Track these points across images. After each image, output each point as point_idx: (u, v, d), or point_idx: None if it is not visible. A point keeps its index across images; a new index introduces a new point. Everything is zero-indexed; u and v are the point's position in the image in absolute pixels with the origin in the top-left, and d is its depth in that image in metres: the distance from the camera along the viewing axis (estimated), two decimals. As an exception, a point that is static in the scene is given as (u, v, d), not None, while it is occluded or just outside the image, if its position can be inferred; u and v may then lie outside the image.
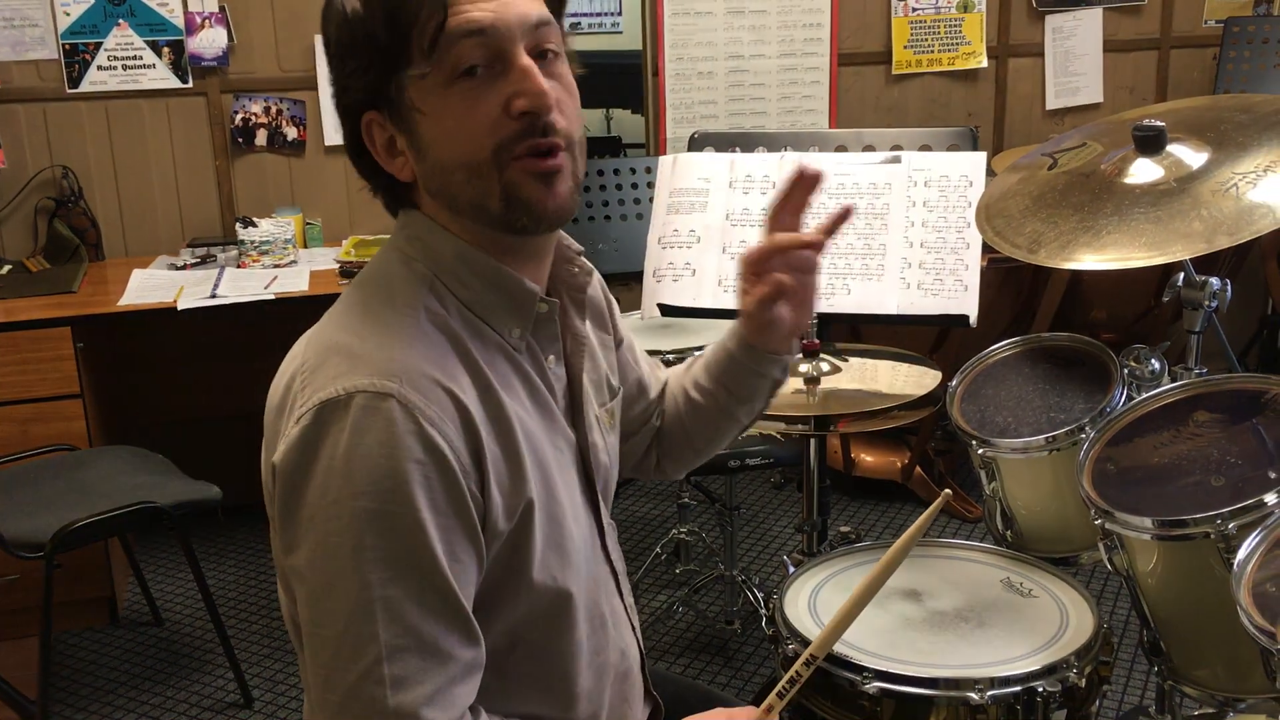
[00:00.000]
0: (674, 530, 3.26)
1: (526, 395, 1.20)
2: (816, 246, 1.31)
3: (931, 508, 1.26)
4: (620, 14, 4.78)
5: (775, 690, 1.28)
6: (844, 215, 1.30)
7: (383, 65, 1.11)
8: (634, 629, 1.39)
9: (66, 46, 3.40)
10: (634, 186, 3.26)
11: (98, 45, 3.43)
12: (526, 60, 1.10)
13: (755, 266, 1.32)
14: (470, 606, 1.12)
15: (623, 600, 1.37)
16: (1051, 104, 4.24)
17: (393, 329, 1.12)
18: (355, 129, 1.17)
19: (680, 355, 2.76)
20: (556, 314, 1.23)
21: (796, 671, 1.27)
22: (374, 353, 1.09)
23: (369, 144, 1.17)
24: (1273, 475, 1.48)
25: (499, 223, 1.14)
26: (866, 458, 3.79)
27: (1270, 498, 1.42)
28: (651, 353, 2.77)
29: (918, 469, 3.70)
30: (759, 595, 2.99)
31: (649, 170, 3.26)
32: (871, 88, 4.08)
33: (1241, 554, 1.35)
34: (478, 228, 1.16)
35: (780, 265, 1.30)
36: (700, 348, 2.81)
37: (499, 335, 1.18)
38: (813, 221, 1.32)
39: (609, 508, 1.38)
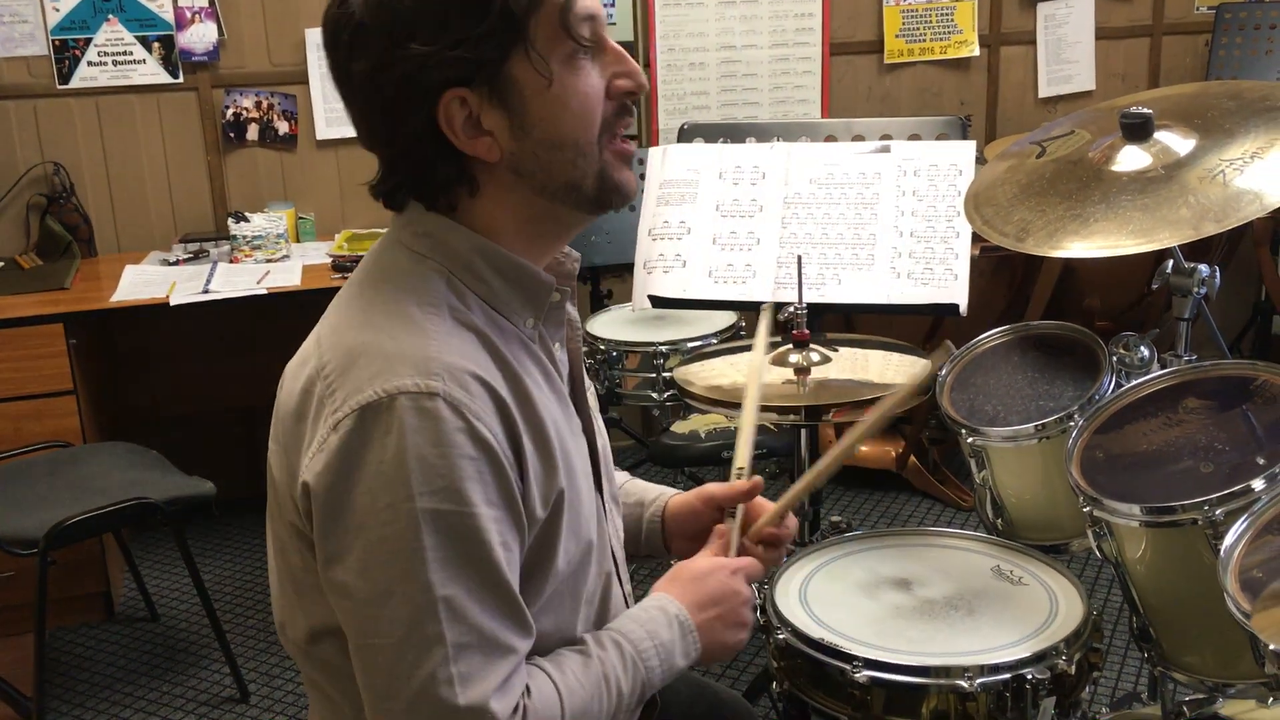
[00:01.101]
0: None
1: (546, 385, 1.21)
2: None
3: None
4: (614, 5, 4.76)
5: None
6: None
7: (500, 39, 1.08)
8: None
9: (56, 43, 3.40)
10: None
11: (88, 41, 3.42)
12: (617, 44, 1.17)
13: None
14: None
15: (622, 588, 1.38)
16: (1044, 92, 4.23)
17: (422, 326, 1.11)
18: (423, 108, 1.10)
19: (673, 346, 2.77)
20: (566, 301, 1.26)
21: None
22: (410, 351, 1.08)
23: (444, 123, 1.11)
24: (1261, 461, 1.49)
25: (589, 202, 1.18)
26: (861, 447, 3.78)
27: (1258, 483, 1.43)
28: (644, 345, 2.79)
29: (912, 458, 3.70)
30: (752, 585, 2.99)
31: (641, 162, 3.25)
32: (863, 77, 4.08)
33: (1229, 540, 1.36)
34: (531, 212, 1.17)
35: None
36: (692, 339, 2.83)
37: (516, 327, 1.19)
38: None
39: (612, 486, 1.41)
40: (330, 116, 3.60)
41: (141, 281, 3.17)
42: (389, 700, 1.09)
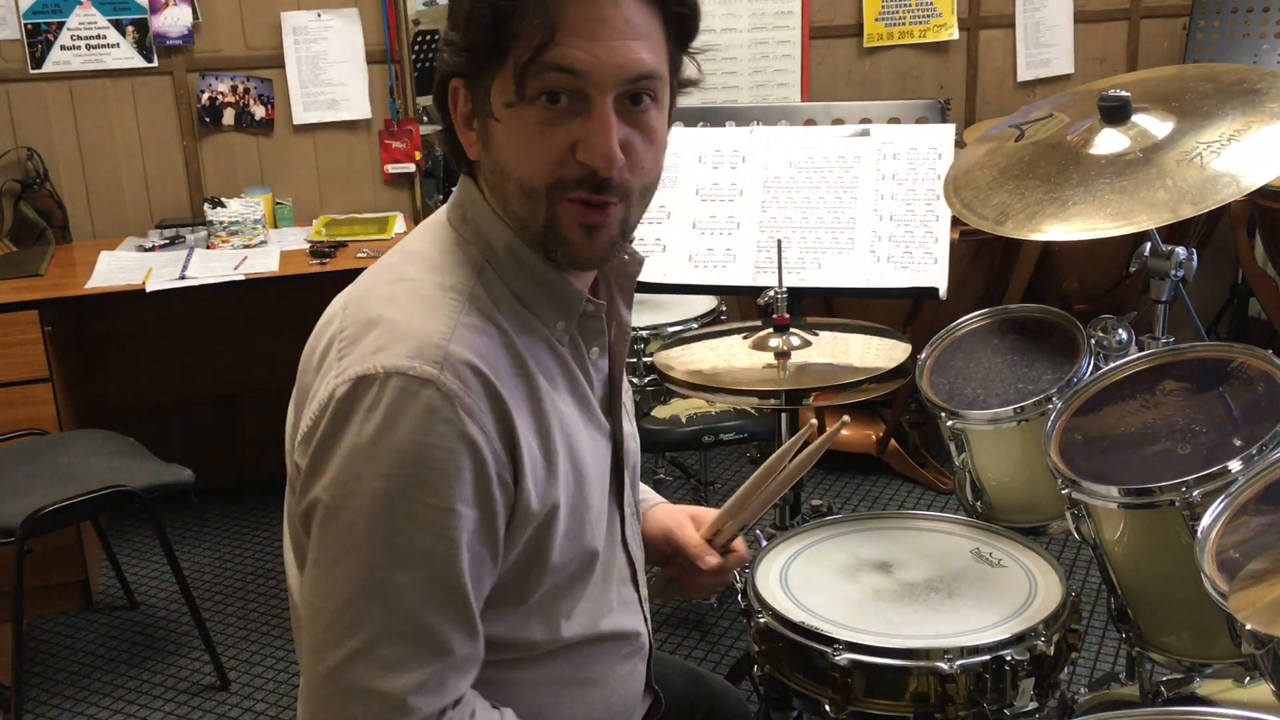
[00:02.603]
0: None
1: (567, 389, 1.20)
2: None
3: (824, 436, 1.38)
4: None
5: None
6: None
7: (479, 55, 1.10)
8: (645, 619, 1.38)
9: (29, 26, 3.36)
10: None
11: (60, 25, 3.38)
12: (609, 114, 1.08)
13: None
14: (482, 600, 1.12)
15: (638, 591, 1.36)
16: (1023, 75, 4.24)
17: (439, 311, 1.11)
18: (443, 84, 1.16)
19: (653, 331, 2.76)
20: (603, 312, 1.23)
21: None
22: (419, 333, 1.08)
23: (451, 106, 1.16)
24: (1237, 443, 1.50)
25: (537, 245, 1.14)
26: (842, 431, 3.79)
27: (1235, 465, 1.44)
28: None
29: (892, 442, 3.72)
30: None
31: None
32: (843, 61, 4.07)
33: (1205, 521, 1.37)
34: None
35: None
36: (672, 323, 2.82)
37: (545, 327, 1.18)
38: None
39: (636, 494, 1.39)
40: (307, 101, 3.57)
41: (117, 268, 3.15)
42: (315, 662, 1.09)
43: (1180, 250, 1.77)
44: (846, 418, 1.45)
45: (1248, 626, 1.15)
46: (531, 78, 1.07)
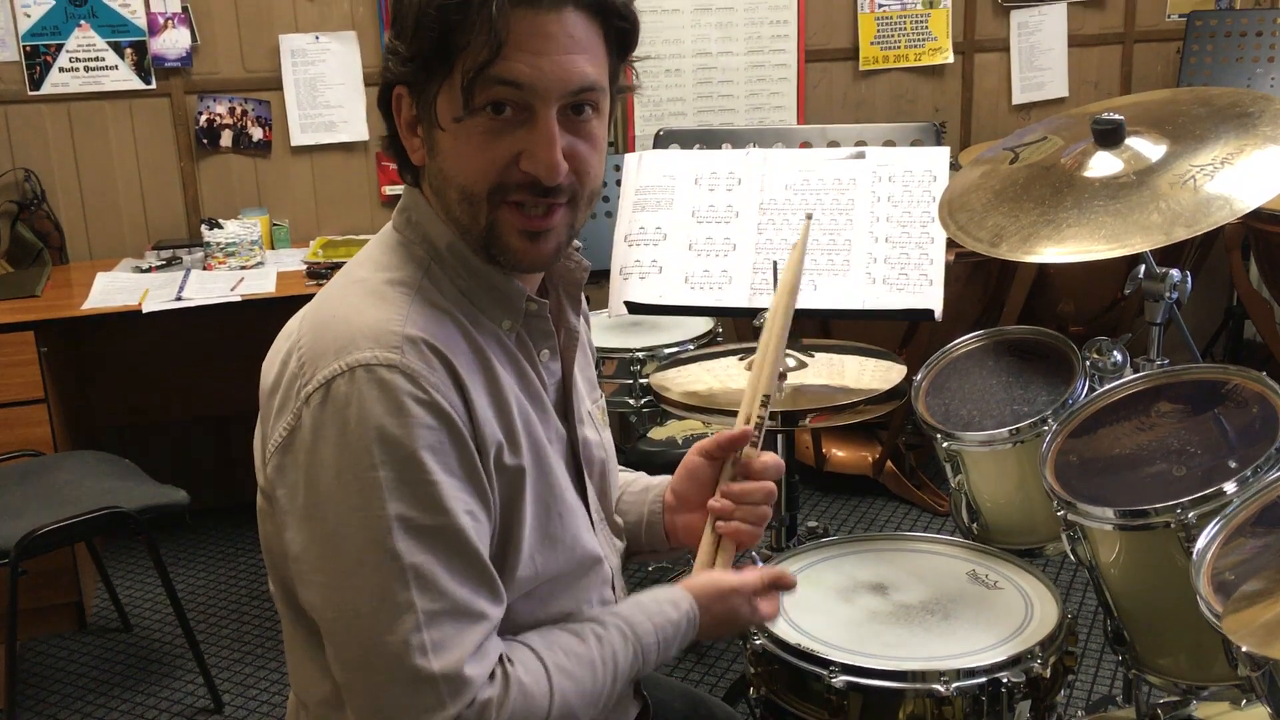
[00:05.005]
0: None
1: (519, 385, 1.21)
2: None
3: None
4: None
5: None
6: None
7: (425, 65, 1.12)
8: None
9: (27, 48, 3.37)
10: (603, 184, 3.26)
11: (59, 47, 3.39)
12: (552, 126, 1.11)
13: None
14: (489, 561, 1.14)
15: (616, 597, 1.36)
16: (1017, 98, 4.26)
17: (389, 301, 1.14)
18: (387, 90, 1.19)
19: (650, 353, 2.76)
20: (548, 312, 1.25)
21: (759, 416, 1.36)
22: (372, 324, 1.11)
23: (395, 113, 1.18)
24: (1233, 465, 1.50)
25: (479, 249, 1.17)
26: (838, 452, 3.80)
27: (1230, 486, 1.44)
28: (620, 351, 2.78)
29: (888, 463, 3.71)
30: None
31: (617, 169, 3.25)
32: (839, 84, 4.09)
33: (1201, 543, 1.37)
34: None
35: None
36: (668, 345, 2.83)
37: (493, 324, 1.20)
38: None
39: (608, 503, 1.39)
40: (305, 123, 3.58)
41: (114, 289, 3.15)
42: (364, 671, 1.10)
43: (1175, 272, 1.78)
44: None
45: (1243, 648, 1.15)
46: (478, 90, 1.10)
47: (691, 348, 2.79)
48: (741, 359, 2.10)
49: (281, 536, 1.15)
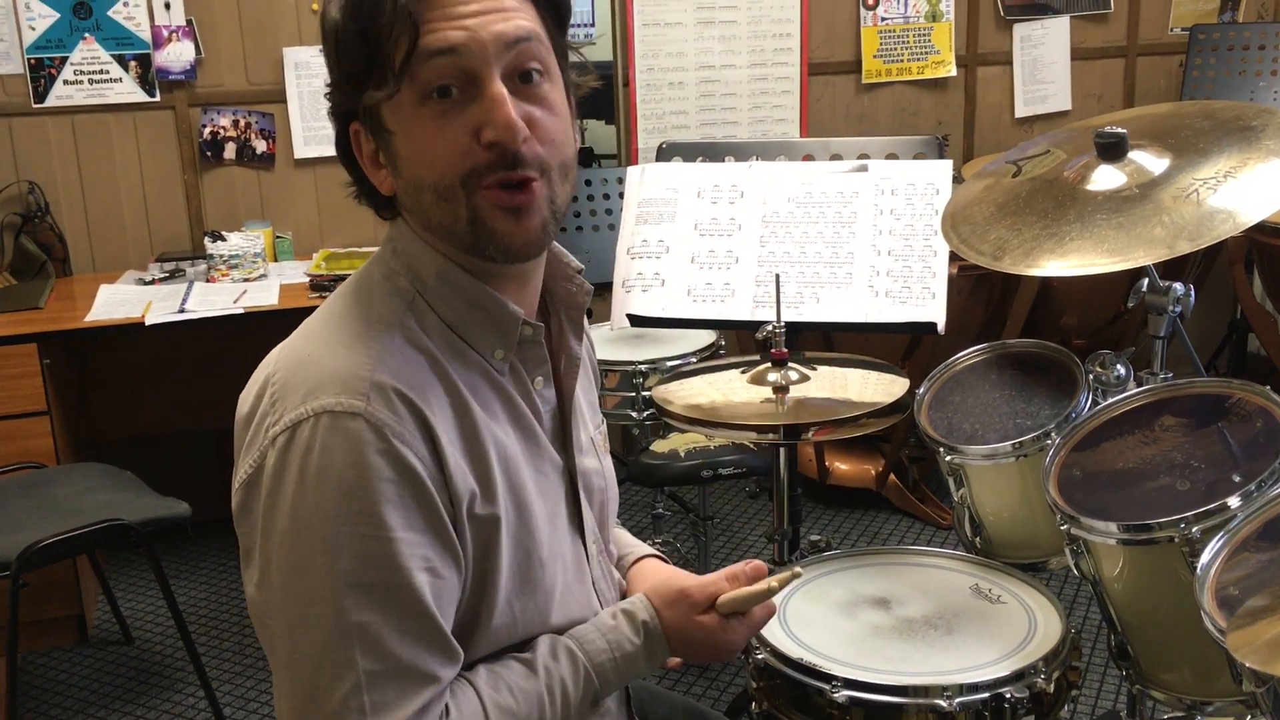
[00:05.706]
0: (649, 541, 3.25)
1: (508, 420, 1.18)
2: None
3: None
4: (593, 25, 4.78)
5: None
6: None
7: (357, 81, 1.10)
8: None
9: (32, 61, 3.38)
10: (605, 197, 3.26)
11: (64, 59, 3.40)
12: (498, 87, 1.07)
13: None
14: (451, 622, 1.11)
15: None
16: (1020, 112, 4.26)
17: (365, 342, 1.10)
18: (345, 135, 1.16)
19: (652, 365, 2.76)
20: (542, 337, 1.21)
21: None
22: (343, 369, 1.08)
23: (356, 152, 1.16)
24: (1237, 479, 1.49)
25: (468, 248, 1.13)
26: (841, 466, 3.79)
27: (1234, 501, 1.43)
28: (623, 364, 2.78)
29: (892, 476, 3.71)
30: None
31: (620, 181, 3.25)
32: (842, 97, 4.09)
33: (1205, 557, 1.36)
34: (453, 248, 1.15)
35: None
36: (671, 357, 2.82)
37: (481, 357, 1.16)
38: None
39: (606, 532, 1.36)
40: (308, 135, 3.59)
41: (117, 301, 3.15)
42: None
43: (1178, 286, 1.77)
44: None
45: (1247, 664, 1.14)
46: (418, 73, 1.06)
47: (694, 360, 2.79)
48: (743, 372, 2.10)
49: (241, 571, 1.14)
